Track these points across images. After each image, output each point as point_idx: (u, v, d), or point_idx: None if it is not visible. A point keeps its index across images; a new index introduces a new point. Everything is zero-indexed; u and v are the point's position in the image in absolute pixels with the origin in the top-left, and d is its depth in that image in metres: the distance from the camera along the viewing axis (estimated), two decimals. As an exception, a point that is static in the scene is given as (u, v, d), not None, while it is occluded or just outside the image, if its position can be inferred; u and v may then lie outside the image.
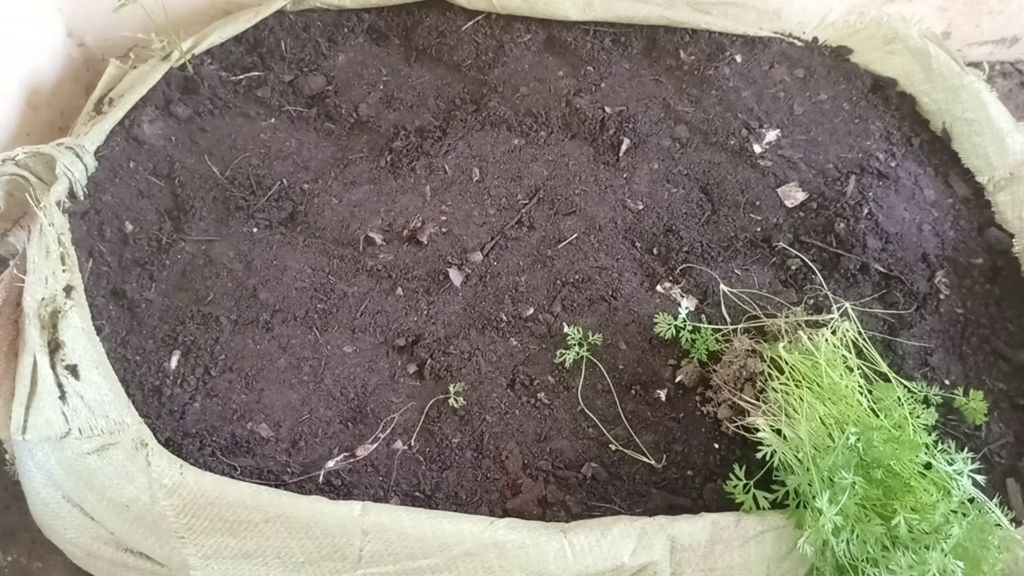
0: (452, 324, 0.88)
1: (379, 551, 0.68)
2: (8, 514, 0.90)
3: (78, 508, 0.72)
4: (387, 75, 1.09)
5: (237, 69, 1.05)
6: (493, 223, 0.96)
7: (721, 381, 0.82)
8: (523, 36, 1.12)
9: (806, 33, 1.17)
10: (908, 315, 0.92)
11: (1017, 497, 0.81)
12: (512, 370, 0.85)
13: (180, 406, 0.80)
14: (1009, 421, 0.86)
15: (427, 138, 1.02)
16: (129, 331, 0.84)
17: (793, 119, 1.08)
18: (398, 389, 0.83)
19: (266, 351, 0.84)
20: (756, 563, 0.71)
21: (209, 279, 0.88)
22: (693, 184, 1.01)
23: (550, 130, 1.05)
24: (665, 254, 0.95)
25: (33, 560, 0.88)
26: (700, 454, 0.81)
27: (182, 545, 0.68)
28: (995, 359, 0.91)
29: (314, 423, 0.81)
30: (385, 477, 0.78)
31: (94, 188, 0.88)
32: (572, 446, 0.81)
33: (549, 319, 0.89)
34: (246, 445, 0.79)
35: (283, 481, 0.76)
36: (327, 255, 0.92)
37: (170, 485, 0.70)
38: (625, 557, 0.69)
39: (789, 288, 0.94)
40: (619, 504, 0.77)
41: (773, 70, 1.13)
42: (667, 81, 1.10)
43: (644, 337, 0.88)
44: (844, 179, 1.00)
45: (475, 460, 0.79)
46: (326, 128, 1.03)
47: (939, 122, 1.08)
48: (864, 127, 1.08)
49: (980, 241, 0.99)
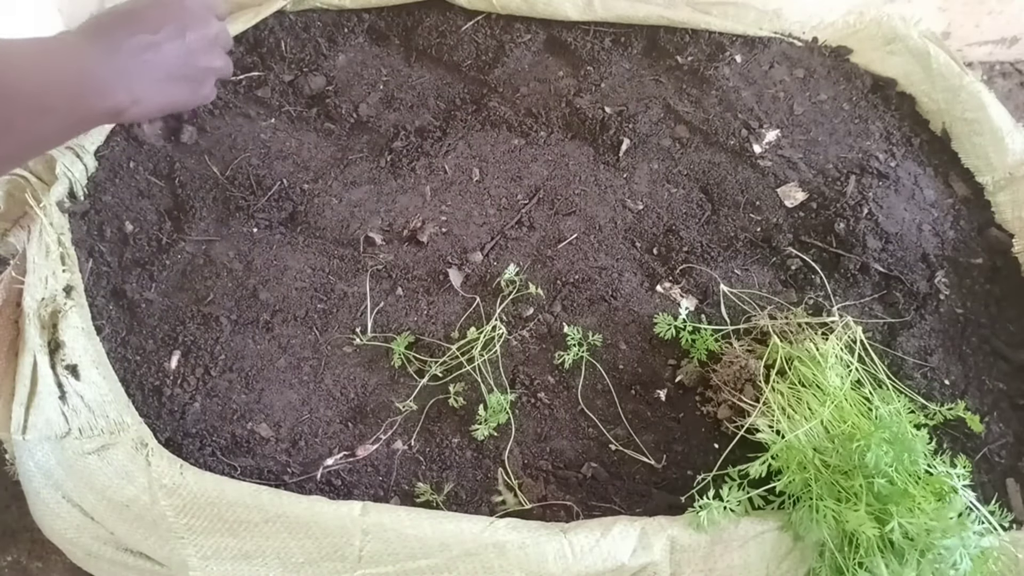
0: (452, 324, 0.88)
1: (379, 551, 0.68)
2: (8, 514, 0.89)
3: (78, 508, 0.72)
4: (387, 75, 1.09)
5: (237, 69, 1.05)
6: (493, 223, 0.96)
7: (721, 381, 0.82)
8: (523, 36, 1.12)
9: (806, 33, 1.17)
10: (908, 315, 0.92)
11: (1017, 497, 0.81)
12: (512, 370, 0.85)
13: (180, 406, 0.80)
14: (1009, 421, 0.86)
15: (427, 138, 1.02)
16: (129, 331, 0.84)
17: (793, 119, 1.08)
18: (398, 389, 0.83)
19: (266, 351, 0.84)
20: (756, 563, 0.71)
21: (209, 279, 0.88)
22: (693, 184, 1.01)
23: (550, 130, 1.05)
24: (665, 254, 0.95)
25: (33, 560, 0.88)
26: (700, 454, 0.81)
27: (182, 545, 0.68)
28: (995, 359, 0.91)
29: (314, 423, 0.81)
30: (385, 477, 0.78)
31: (94, 188, 0.88)
32: (572, 446, 0.81)
33: (549, 319, 0.89)
34: (246, 445, 0.79)
35: (283, 481, 0.76)
36: (327, 255, 0.92)
37: (170, 485, 0.70)
38: (625, 557, 0.69)
39: (789, 288, 0.94)
40: (619, 504, 0.77)
41: (773, 70, 1.13)
42: (667, 81, 1.10)
43: (644, 337, 0.88)
44: (844, 179, 1.01)
45: (475, 460, 0.80)
46: (326, 128, 1.03)
47: (939, 122, 1.08)
48: (864, 127, 1.08)
49: (980, 241, 0.99)
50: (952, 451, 0.82)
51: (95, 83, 0.59)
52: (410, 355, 0.84)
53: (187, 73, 0.68)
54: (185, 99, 0.70)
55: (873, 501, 0.67)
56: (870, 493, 0.67)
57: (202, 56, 0.69)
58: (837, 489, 0.69)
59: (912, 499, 0.66)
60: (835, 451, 0.71)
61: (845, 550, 0.68)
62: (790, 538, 0.71)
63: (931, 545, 0.64)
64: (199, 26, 0.68)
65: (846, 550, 0.68)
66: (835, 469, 0.70)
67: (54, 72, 0.57)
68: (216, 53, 0.72)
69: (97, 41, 0.61)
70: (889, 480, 0.67)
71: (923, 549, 0.65)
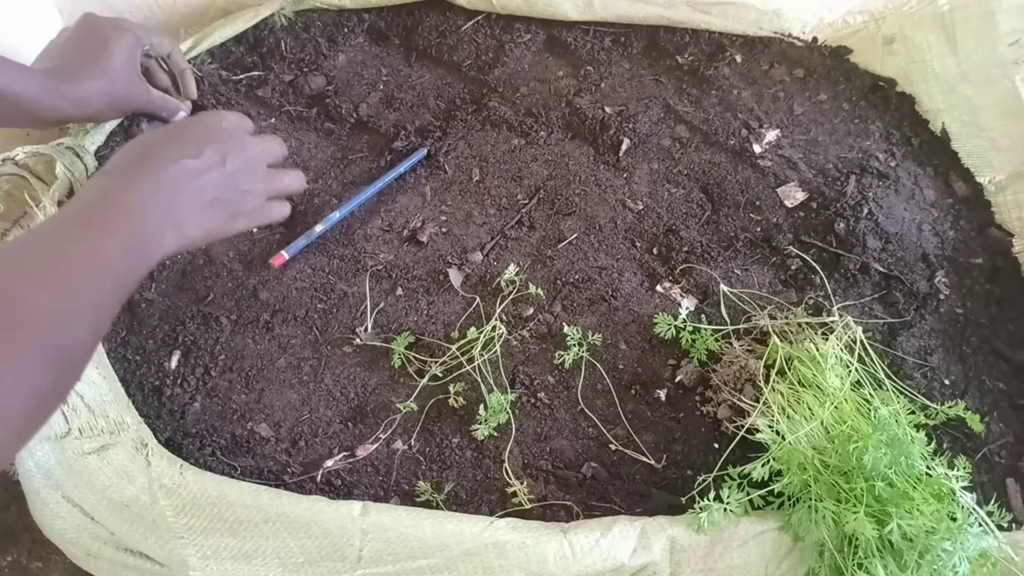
0: (452, 324, 0.88)
1: (379, 551, 0.68)
2: (8, 514, 0.90)
3: (78, 508, 0.73)
4: (387, 75, 1.09)
5: (237, 69, 1.05)
6: (493, 223, 0.96)
7: (721, 381, 0.82)
8: (523, 36, 1.12)
9: (806, 33, 1.17)
10: (908, 315, 0.92)
11: (1017, 497, 0.81)
12: (512, 370, 0.85)
13: (180, 406, 0.80)
14: (1009, 421, 0.86)
15: (427, 138, 1.02)
16: (129, 331, 0.84)
17: (793, 119, 1.08)
18: (398, 389, 0.84)
19: (266, 351, 0.84)
20: (756, 563, 0.71)
21: (209, 279, 0.88)
22: (693, 184, 1.01)
23: (550, 130, 1.05)
24: (665, 254, 0.95)
25: (33, 560, 0.88)
26: (700, 454, 0.81)
27: (182, 545, 0.68)
28: (995, 359, 0.91)
29: (314, 423, 0.81)
30: (385, 477, 0.78)
31: (94, 188, 0.88)
32: (572, 446, 0.81)
33: (549, 319, 0.89)
34: (246, 445, 0.79)
35: (283, 481, 0.76)
36: (327, 255, 0.92)
37: (170, 485, 0.70)
38: (625, 557, 0.69)
39: (789, 288, 0.94)
40: (619, 504, 0.77)
41: (773, 70, 1.13)
42: (667, 81, 1.10)
43: (644, 337, 0.88)
44: (844, 179, 1.00)
45: (475, 460, 0.80)
46: (326, 128, 1.03)
47: (939, 122, 1.07)
48: (864, 127, 1.08)
49: (980, 241, 0.99)
50: (952, 451, 0.82)
51: (148, 238, 0.57)
52: (410, 355, 0.84)
53: (228, 198, 0.66)
54: (224, 227, 0.67)
55: (872, 502, 0.67)
56: (870, 494, 0.67)
57: (243, 180, 0.68)
58: (837, 490, 0.69)
59: (911, 501, 0.66)
60: (835, 452, 0.71)
61: (844, 551, 0.68)
62: (790, 538, 0.71)
63: (930, 546, 0.64)
64: (238, 149, 0.67)
65: (845, 551, 0.68)
66: (835, 470, 0.70)
67: (108, 238, 0.54)
68: (258, 175, 0.70)
69: (139, 177, 0.58)
70: (888, 482, 0.67)
71: (922, 550, 0.65)
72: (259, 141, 0.71)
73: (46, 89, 0.72)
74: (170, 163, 0.60)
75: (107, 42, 0.78)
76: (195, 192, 0.62)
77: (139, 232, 0.56)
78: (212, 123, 0.67)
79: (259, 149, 0.70)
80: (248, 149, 0.69)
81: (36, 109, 0.72)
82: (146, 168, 0.59)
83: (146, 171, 0.59)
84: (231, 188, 0.66)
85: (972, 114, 1.04)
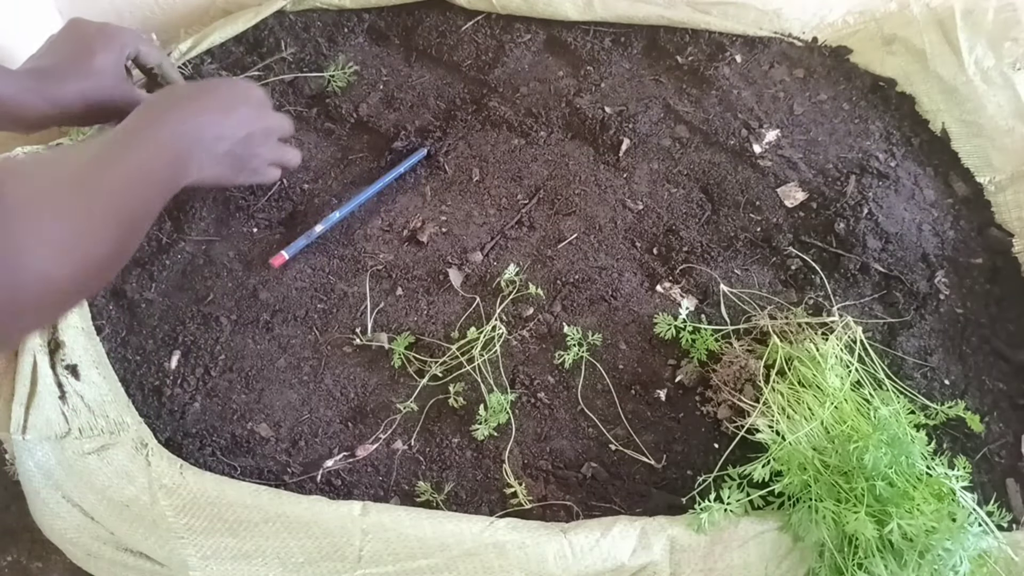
0: (452, 324, 0.88)
1: (379, 551, 0.68)
2: (8, 514, 0.90)
3: (78, 508, 0.73)
4: (387, 75, 1.09)
5: (237, 69, 1.05)
6: (493, 223, 0.96)
7: (721, 381, 0.82)
8: (523, 36, 1.12)
9: (806, 33, 1.17)
10: (908, 315, 0.92)
11: (1017, 497, 0.81)
12: (512, 370, 0.85)
13: (180, 406, 0.80)
14: (1009, 421, 0.86)
15: (427, 138, 1.02)
16: (129, 331, 0.84)
17: (793, 119, 1.08)
18: (398, 389, 0.84)
19: (266, 351, 0.84)
20: (756, 563, 0.71)
21: (209, 279, 0.88)
22: (693, 184, 1.01)
23: (550, 130, 1.05)
24: (665, 254, 0.95)
25: (33, 560, 0.88)
26: (700, 454, 0.81)
27: (182, 545, 0.68)
28: (995, 359, 0.91)
29: (314, 423, 0.81)
30: (385, 477, 0.78)
31: (94, 188, 0.88)
32: (572, 446, 0.81)
33: (549, 319, 0.89)
34: (246, 445, 0.79)
35: (283, 481, 0.76)
36: (327, 255, 0.92)
37: (170, 485, 0.70)
38: (625, 557, 0.69)
39: (789, 288, 0.94)
40: (619, 504, 0.77)
41: (773, 70, 1.13)
42: (667, 81, 1.10)
43: (644, 337, 0.88)
44: (844, 179, 1.00)
45: (475, 460, 0.80)
46: (326, 128, 1.03)
47: (939, 122, 1.07)
48: (864, 127, 1.08)
49: (980, 241, 0.99)
50: (952, 451, 0.82)
51: (180, 161, 0.68)
52: (410, 355, 0.84)
53: (240, 153, 0.75)
54: (230, 178, 0.77)
55: (873, 502, 0.67)
56: (870, 494, 0.67)
57: (256, 143, 0.77)
58: (837, 490, 0.69)
59: (912, 501, 0.66)
60: (835, 452, 0.71)
61: (844, 551, 0.68)
62: (790, 538, 0.71)
63: (930, 546, 0.64)
64: (261, 118, 0.77)
65: (845, 551, 0.68)
66: (835, 470, 0.70)
67: (155, 148, 0.64)
68: (269, 145, 0.80)
69: (171, 112, 0.68)
70: (889, 482, 0.67)
71: (922, 550, 0.65)
72: (278, 116, 0.81)
73: (27, 88, 0.73)
74: (199, 111, 0.70)
75: (91, 45, 0.78)
76: (217, 140, 0.71)
77: (176, 152, 0.66)
78: (246, 89, 0.77)
79: (275, 122, 0.81)
80: (267, 120, 0.79)
81: (16, 109, 0.73)
82: (193, 108, 0.70)
83: (193, 111, 0.69)
84: (245, 146, 0.75)
85: (972, 114, 1.04)
